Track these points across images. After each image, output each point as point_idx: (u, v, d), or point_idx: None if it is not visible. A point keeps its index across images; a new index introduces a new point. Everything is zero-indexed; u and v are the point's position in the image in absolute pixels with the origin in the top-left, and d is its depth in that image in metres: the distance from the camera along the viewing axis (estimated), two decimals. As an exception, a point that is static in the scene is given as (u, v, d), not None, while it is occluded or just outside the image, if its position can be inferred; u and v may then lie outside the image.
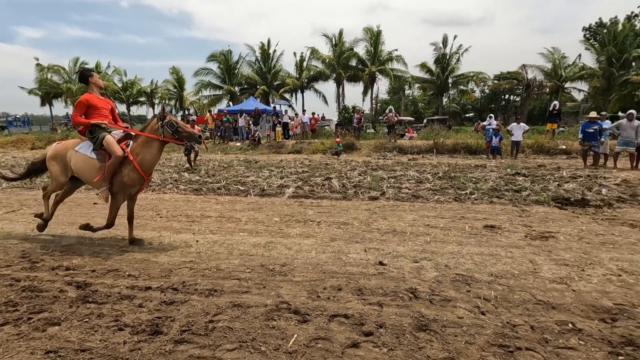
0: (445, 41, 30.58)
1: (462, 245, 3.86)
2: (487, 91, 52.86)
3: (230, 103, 30.57)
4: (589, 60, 29.56)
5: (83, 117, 3.84)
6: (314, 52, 30.84)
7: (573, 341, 2.17)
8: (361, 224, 4.73)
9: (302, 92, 32.79)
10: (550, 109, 14.43)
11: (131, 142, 3.87)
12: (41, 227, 4.26)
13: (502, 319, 2.43)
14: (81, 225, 4.09)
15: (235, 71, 31.90)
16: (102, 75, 34.28)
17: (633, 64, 28.66)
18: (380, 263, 3.38)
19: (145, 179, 3.84)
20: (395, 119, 15.52)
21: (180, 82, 35.15)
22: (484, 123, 14.21)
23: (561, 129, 20.51)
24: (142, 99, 37.51)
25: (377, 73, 30.08)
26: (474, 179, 7.70)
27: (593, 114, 10.19)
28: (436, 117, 30.63)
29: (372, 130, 26.30)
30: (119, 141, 3.81)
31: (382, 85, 59.26)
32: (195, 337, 2.23)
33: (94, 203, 6.18)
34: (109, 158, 3.73)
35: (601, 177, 8.01)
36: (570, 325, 2.34)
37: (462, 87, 34.87)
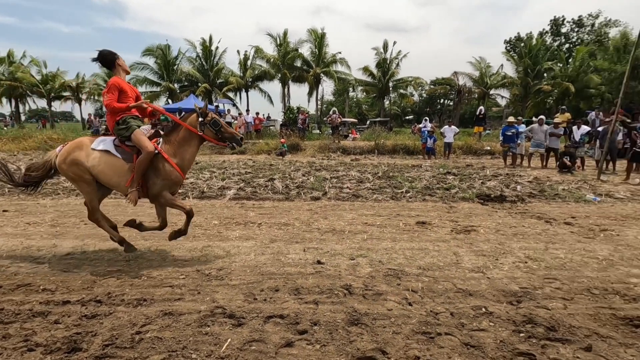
0: (385, 46, 32.03)
1: (396, 242, 4.10)
2: (424, 95, 56.50)
3: (170, 101, 28.98)
4: (510, 70, 33.01)
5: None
6: (258, 51, 30.44)
7: (485, 323, 2.42)
8: (302, 224, 4.78)
9: (247, 91, 32.20)
10: (477, 113, 15.88)
11: (161, 141, 3.45)
12: (128, 249, 3.63)
13: (427, 308, 2.63)
14: (127, 222, 3.66)
15: (175, 67, 30.33)
16: (15, 66, 30.49)
17: (545, 74, 32.56)
18: (318, 262, 3.46)
19: (183, 178, 3.53)
20: (339, 120, 15.92)
21: (111, 77, 32.53)
22: (420, 125, 15.16)
23: (487, 131, 22.61)
24: (67, 93, 34.07)
25: (321, 75, 30.56)
26: (410, 178, 8.18)
27: (511, 119, 11.40)
28: (378, 119, 31.93)
29: (318, 131, 26.65)
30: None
31: (327, 87, 60.23)
32: (120, 351, 2.09)
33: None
34: (136, 156, 3.30)
35: (517, 175, 8.99)
36: (483, 309, 2.60)
37: (401, 90, 36.78)
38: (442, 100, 57.69)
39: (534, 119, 13.01)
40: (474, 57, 34.13)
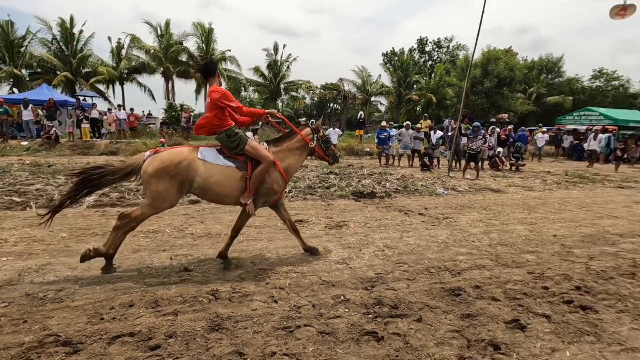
0: (276, 48, 32.39)
1: (272, 241, 4.15)
2: (315, 99, 59.25)
3: (15, 90, 23.66)
4: (387, 80, 37.06)
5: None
6: (135, 40, 27.25)
7: (341, 310, 2.63)
8: (174, 231, 4.45)
9: (122, 84, 28.53)
10: (358, 117, 17.39)
11: (265, 146, 3.47)
12: (105, 268, 3.15)
13: (291, 303, 2.72)
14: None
15: (22, 49, 24.91)
16: None
17: (414, 86, 37.57)
18: (186, 269, 3.26)
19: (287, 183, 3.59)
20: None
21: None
22: (307, 127, 15.81)
23: (368, 134, 24.89)
24: None
25: (210, 72, 29.11)
26: (294, 179, 8.41)
27: (383, 124, 12.80)
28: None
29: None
30: None
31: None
32: None
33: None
34: (250, 165, 3.26)
35: (388, 173, 10.12)
36: (342, 297, 2.83)
37: (293, 93, 37.78)
38: (331, 104, 61.37)
39: (404, 124, 14.73)
40: (357, 66, 37.21)
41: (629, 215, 6.12)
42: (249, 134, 3.29)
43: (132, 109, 18.18)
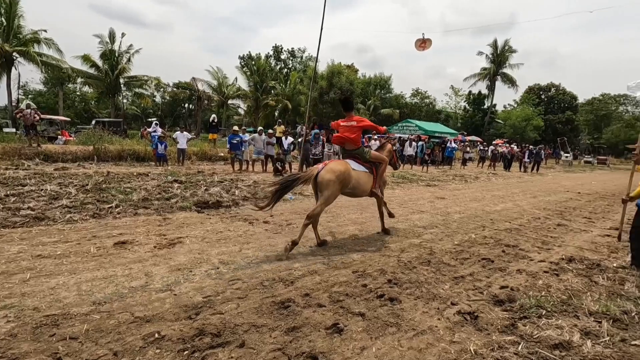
0: (112, 36, 27.95)
1: (75, 274, 3.34)
2: (167, 98, 54.00)
3: None
4: (244, 83, 36.80)
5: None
6: None
7: (150, 353, 2.24)
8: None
9: None
10: (210, 120, 16.52)
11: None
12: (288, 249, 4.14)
13: (83, 357, 2.16)
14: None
15: None
16: None
17: (272, 91, 38.48)
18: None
19: None
20: (37, 117, 12.27)
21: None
22: (150, 130, 14.06)
23: (225, 138, 24.06)
24: None
25: (15, 55, 22.87)
26: (128, 190, 7.25)
27: (235, 128, 12.50)
28: (108, 119, 27.44)
29: (14, 130, 19.75)
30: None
31: (32, 73, 46.22)
32: None
33: None
34: (374, 169, 5.03)
35: (240, 180, 9.88)
36: (156, 335, 2.42)
37: (138, 90, 33.37)
38: (186, 105, 57.13)
39: (258, 129, 14.72)
40: (211, 66, 35.58)
41: (431, 209, 7.59)
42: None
43: None
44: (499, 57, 41.70)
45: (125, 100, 47.01)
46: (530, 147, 24.01)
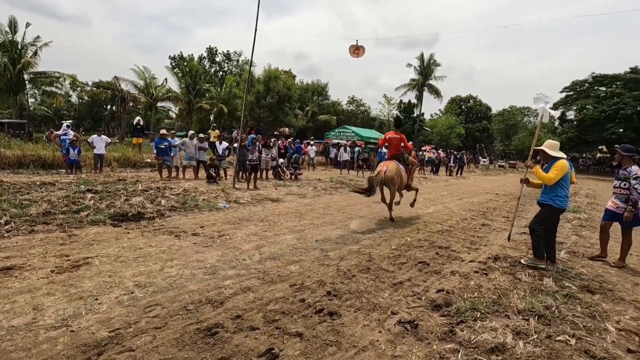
0: (14, 25, 24.30)
1: None
2: (85, 98, 48.71)
3: None
4: (175, 85, 34.57)
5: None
6: None
7: (26, 417, 1.73)
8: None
9: None
10: (134, 123, 15.04)
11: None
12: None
13: None
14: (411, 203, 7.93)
15: None
16: None
17: (207, 94, 36.68)
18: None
19: None
20: None
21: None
22: (59, 132, 12.33)
23: (153, 142, 22.22)
24: None
25: None
26: (25, 203, 6.13)
27: (163, 132, 11.50)
28: (7, 120, 23.68)
29: None
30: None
31: None
32: None
33: None
34: (407, 168, 7.35)
35: (168, 188, 9.03)
36: (38, 390, 1.90)
37: (47, 87, 29.42)
38: (109, 106, 52.12)
39: (190, 134, 13.72)
40: (136, 65, 32.85)
41: (368, 213, 7.65)
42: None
43: None
44: (426, 69, 44.96)
45: (32, 100, 41.37)
46: (455, 152, 26.10)
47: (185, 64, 38.76)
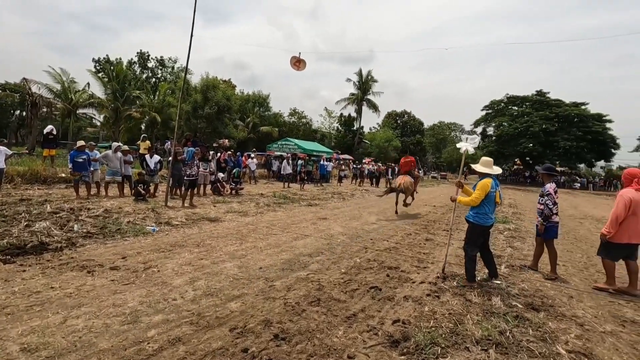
0: None
1: None
2: (-14, 101, 42.06)
3: None
4: (99, 91, 31.35)
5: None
6: None
7: None
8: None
9: None
10: (45, 132, 13.04)
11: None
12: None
13: None
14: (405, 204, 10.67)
15: None
16: None
17: (138, 102, 33.83)
18: None
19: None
20: None
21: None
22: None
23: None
24: None
25: None
26: None
27: (81, 143, 10.08)
28: None
29: None
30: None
31: None
32: None
33: None
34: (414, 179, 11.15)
35: (86, 208, 7.83)
36: None
37: None
38: (17, 112, 45.70)
39: (114, 146, 12.17)
40: (51, 67, 29.08)
41: (315, 232, 7.33)
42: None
43: None
44: (364, 84, 46.86)
45: None
46: (393, 165, 27.20)
47: (112, 68, 35.56)
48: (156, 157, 11.25)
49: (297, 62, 10.35)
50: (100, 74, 35.05)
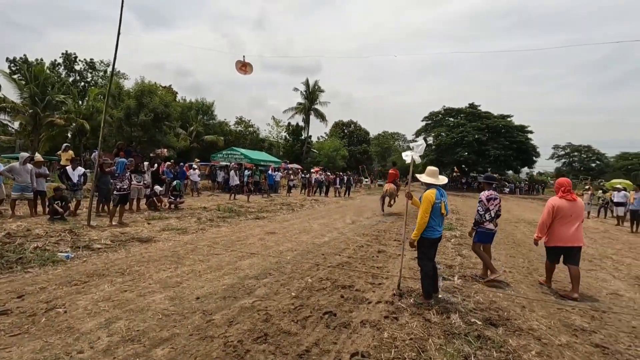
0: None
1: None
2: None
3: None
4: (14, 94, 27.63)
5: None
6: None
7: None
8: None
9: None
10: None
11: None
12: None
13: None
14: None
15: None
16: None
17: (63, 108, 30.33)
18: None
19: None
20: None
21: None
22: None
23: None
24: None
25: None
26: None
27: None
28: None
29: None
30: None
31: None
32: None
33: None
34: (397, 186, 14.56)
35: (-20, 233, 6.44)
36: None
37: None
38: None
39: (22, 157, 10.48)
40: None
41: (262, 249, 6.75)
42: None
43: None
44: (311, 94, 47.15)
45: None
46: (341, 174, 27.37)
47: (30, 69, 31.66)
48: (80, 170, 9.86)
49: (243, 67, 9.79)
50: (15, 76, 31.06)
